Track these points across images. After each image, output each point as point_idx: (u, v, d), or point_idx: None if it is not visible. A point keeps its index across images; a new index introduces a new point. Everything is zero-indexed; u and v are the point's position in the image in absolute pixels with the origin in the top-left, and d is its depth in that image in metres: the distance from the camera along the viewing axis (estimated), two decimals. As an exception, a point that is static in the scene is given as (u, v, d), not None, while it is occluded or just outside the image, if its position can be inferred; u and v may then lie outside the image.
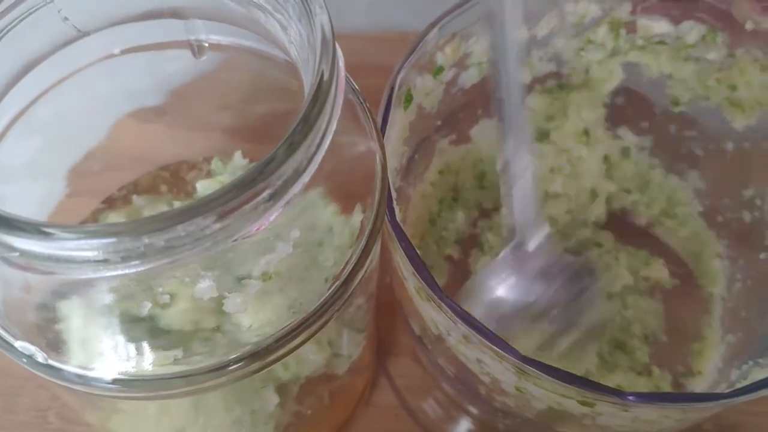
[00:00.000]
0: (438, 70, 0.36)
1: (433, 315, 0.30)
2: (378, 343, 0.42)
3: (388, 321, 0.43)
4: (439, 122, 0.40)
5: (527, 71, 0.41)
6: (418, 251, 0.28)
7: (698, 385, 0.38)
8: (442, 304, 0.27)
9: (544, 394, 0.27)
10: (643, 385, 0.39)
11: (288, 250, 0.22)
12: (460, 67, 0.37)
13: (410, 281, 0.30)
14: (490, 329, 0.26)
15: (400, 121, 0.34)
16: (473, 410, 0.39)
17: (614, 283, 0.41)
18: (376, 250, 0.26)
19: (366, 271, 0.25)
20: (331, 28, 0.21)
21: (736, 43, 0.36)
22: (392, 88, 0.32)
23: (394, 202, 0.29)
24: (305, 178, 0.20)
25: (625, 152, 0.44)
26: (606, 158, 0.44)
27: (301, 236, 0.22)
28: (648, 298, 0.42)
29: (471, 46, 0.37)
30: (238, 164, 0.31)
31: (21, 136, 0.27)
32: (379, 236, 0.25)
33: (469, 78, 0.38)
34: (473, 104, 0.40)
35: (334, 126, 0.21)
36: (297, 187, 0.20)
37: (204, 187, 0.28)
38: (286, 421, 0.32)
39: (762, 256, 0.38)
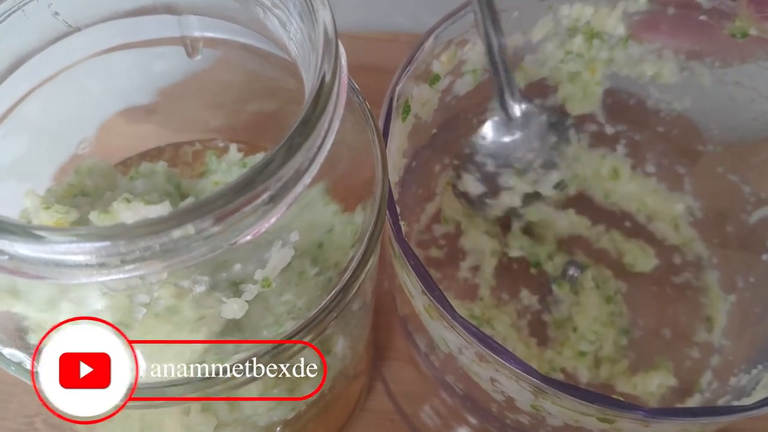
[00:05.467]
0: (434, 79, 0.35)
1: (443, 333, 0.29)
2: (374, 346, 0.42)
3: (384, 323, 0.43)
4: (434, 130, 0.39)
5: (520, 76, 0.40)
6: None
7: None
8: (456, 324, 0.26)
9: (561, 411, 0.26)
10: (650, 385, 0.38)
11: (290, 255, 0.21)
12: (455, 75, 0.37)
13: (418, 300, 0.29)
14: (507, 348, 0.25)
15: (399, 133, 0.33)
16: (471, 418, 0.38)
17: None
18: (377, 251, 0.25)
19: (367, 274, 0.24)
20: (334, 26, 0.20)
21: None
22: (391, 100, 0.31)
23: (400, 219, 0.28)
24: (306, 179, 0.19)
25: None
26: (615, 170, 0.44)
27: (302, 238, 0.22)
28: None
29: (466, 53, 0.36)
30: (233, 159, 0.30)
31: (8, 135, 0.27)
32: (380, 239, 0.25)
33: (464, 85, 0.38)
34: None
35: (336, 127, 0.20)
36: (298, 189, 0.19)
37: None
38: (280, 426, 0.31)
39: (764, 257, 0.38)
